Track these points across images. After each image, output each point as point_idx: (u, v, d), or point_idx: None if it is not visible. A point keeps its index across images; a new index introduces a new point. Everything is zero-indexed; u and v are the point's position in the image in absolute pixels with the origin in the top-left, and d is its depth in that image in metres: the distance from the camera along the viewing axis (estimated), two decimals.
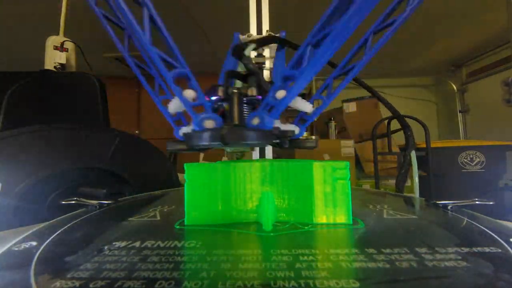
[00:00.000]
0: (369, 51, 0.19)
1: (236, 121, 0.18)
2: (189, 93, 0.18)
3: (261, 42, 0.27)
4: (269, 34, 0.28)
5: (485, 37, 1.36)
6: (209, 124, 0.18)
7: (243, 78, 0.23)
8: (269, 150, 0.63)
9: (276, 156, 0.68)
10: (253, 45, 0.25)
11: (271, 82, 0.21)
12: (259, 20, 0.62)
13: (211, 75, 0.44)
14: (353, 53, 0.21)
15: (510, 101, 1.05)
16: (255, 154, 0.59)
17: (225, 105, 0.20)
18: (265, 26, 0.61)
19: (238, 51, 0.24)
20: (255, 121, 0.18)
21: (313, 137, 0.23)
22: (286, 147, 0.22)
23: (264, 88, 0.20)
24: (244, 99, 0.20)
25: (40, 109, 0.60)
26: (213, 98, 0.19)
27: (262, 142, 0.18)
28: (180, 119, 0.22)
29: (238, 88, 0.20)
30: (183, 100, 0.18)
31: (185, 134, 0.19)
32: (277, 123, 0.19)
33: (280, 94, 0.18)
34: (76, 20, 0.78)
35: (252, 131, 0.18)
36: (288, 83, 0.19)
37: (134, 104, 1.84)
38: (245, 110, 0.20)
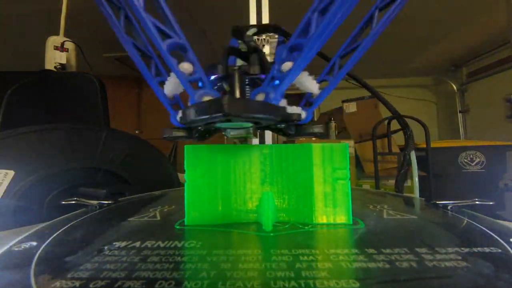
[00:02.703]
0: (375, 27, 0.18)
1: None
2: (186, 66, 0.17)
3: (263, 28, 0.24)
4: (273, 23, 0.25)
5: (485, 37, 1.36)
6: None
7: (244, 57, 0.21)
8: (268, 139, 0.62)
9: None
10: (254, 29, 0.23)
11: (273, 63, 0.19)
12: (259, 21, 0.62)
13: None
14: (359, 29, 0.20)
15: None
16: (255, 142, 0.58)
17: (225, 85, 0.18)
18: None
19: (239, 31, 0.22)
20: (260, 97, 0.17)
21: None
22: (292, 133, 0.20)
23: (267, 66, 0.19)
24: (246, 79, 0.18)
25: (40, 109, 0.60)
26: (212, 77, 0.18)
27: (269, 117, 0.15)
28: (178, 103, 0.20)
29: (239, 66, 0.18)
30: (179, 74, 0.16)
31: (182, 116, 0.17)
32: (283, 103, 0.17)
33: (287, 65, 0.17)
34: (76, 20, 0.78)
35: (257, 103, 0.16)
36: (294, 55, 0.17)
37: (134, 104, 1.84)
38: (247, 91, 0.19)
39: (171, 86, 0.18)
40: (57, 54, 0.71)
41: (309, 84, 0.19)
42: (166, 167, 0.51)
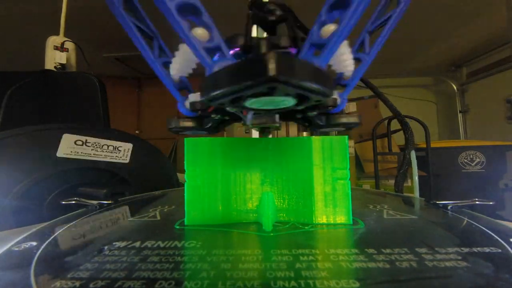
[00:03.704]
0: None
1: None
2: (200, 32, 0.13)
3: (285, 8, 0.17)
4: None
5: (485, 37, 1.36)
6: None
7: (270, 28, 0.17)
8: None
9: None
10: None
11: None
12: None
13: None
14: (386, 1, 0.17)
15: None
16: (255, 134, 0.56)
17: None
18: None
19: (258, 1, 0.17)
20: None
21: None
22: (322, 124, 0.17)
23: (298, 38, 0.15)
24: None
25: (40, 109, 0.60)
26: (231, 52, 0.14)
27: (324, 89, 0.11)
28: (187, 87, 0.17)
29: (266, 37, 0.15)
30: (192, 41, 0.13)
31: (201, 90, 0.13)
32: None
33: (329, 28, 0.13)
34: (76, 20, 0.78)
35: (312, 66, 0.11)
36: (335, 15, 0.13)
37: (134, 104, 1.84)
38: None
39: (178, 65, 0.15)
40: (57, 54, 0.71)
41: (348, 58, 0.15)
42: (166, 167, 0.51)
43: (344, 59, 0.16)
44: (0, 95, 0.56)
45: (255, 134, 0.55)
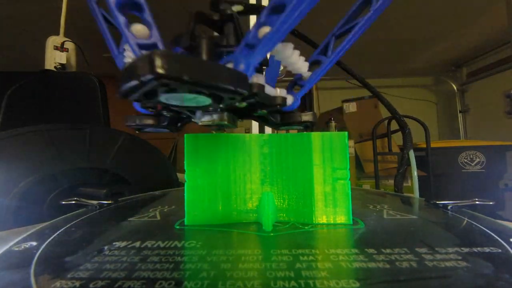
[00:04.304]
0: (376, 4, 0.16)
1: None
2: (139, 28, 0.14)
3: (251, 8, 0.18)
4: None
5: (485, 37, 1.36)
6: None
7: (217, 27, 0.17)
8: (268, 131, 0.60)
9: None
10: (240, 6, 0.17)
11: None
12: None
13: None
14: (358, 5, 0.18)
15: (511, 113, 1.05)
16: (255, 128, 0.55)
17: None
18: None
19: (216, 2, 0.17)
20: None
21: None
22: (277, 122, 0.18)
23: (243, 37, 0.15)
24: (219, 52, 0.15)
25: (40, 109, 0.60)
26: (178, 51, 0.15)
27: (225, 86, 0.11)
28: None
29: (208, 33, 0.15)
30: (127, 35, 0.13)
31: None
32: (260, 79, 0.14)
33: (263, 30, 0.13)
34: (76, 20, 0.78)
35: (208, 64, 0.11)
36: (274, 19, 0.13)
37: None
38: None
39: (131, 59, 0.15)
40: (57, 54, 0.71)
41: (296, 60, 0.16)
42: (166, 167, 0.51)
43: (292, 61, 0.16)
44: (0, 95, 0.56)
45: (255, 130, 0.55)
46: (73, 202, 0.25)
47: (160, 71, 0.09)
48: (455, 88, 1.83)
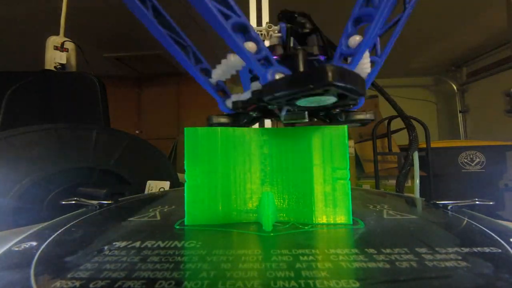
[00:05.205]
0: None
1: None
2: (251, 45, 0.16)
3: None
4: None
5: (485, 37, 1.36)
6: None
7: (301, 38, 0.20)
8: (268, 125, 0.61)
9: None
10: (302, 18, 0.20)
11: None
12: (259, 18, 0.62)
13: None
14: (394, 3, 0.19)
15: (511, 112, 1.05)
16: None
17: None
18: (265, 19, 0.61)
19: (289, 15, 0.20)
20: None
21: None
22: (341, 120, 0.19)
23: (327, 47, 0.18)
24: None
25: (40, 109, 0.60)
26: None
27: (360, 89, 0.14)
28: (224, 89, 0.19)
29: (302, 47, 0.17)
30: (246, 53, 0.16)
31: (235, 102, 0.17)
32: None
33: (355, 39, 0.16)
34: (76, 20, 0.78)
35: (352, 72, 0.13)
36: (358, 28, 0.16)
37: (134, 104, 1.84)
38: None
39: (221, 71, 0.18)
40: (57, 54, 0.71)
41: (367, 62, 0.18)
42: (166, 167, 0.51)
43: (364, 63, 0.18)
44: (0, 95, 0.56)
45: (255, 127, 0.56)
46: (73, 202, 0.25)
47: (332, 80, 0.12)
48: (455, 88, 1.82)
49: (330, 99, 0.14)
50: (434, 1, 1.02)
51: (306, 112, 0.18)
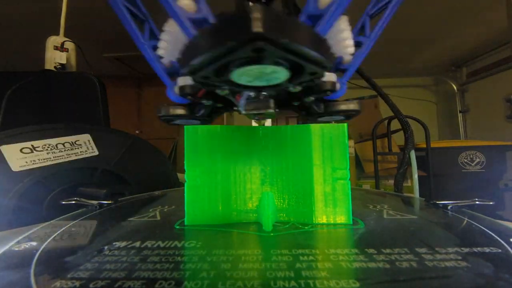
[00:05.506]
0: None
1: None
2: (186, 2, 0.13)
3: None
4: None
5: (485, 37, 1.36)
6: None
7: (265, 2, 0.16)
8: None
9: None
10: None
11: None
12: None
13: None
14: None
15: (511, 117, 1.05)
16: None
17: None
18: None
19: None
20: None
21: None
22: (320, 111, 0.16)
23: (292, 10, 0.14)
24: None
25: (40, 109, 0.60)
26: None
27: (321, 57, 0.10)
28: (178, 73, 0.15)
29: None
30: (176, 10, 0.12)
31: (182, 87, 0.13)
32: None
33: None
34: (76, 20, 0.78)
35: (307, 28, 0.10)
36: None
37: (134, 104, 1.84)
38: None
39: (166, 43, 0.14)
40: (57, 54, 0.71)
41: (348, 36, 0.14)
42: (166, 167, 0.51)
43: (343, 37, 0.14)
44: (0, 95, 0.56)
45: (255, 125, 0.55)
46: (73, 202, 0.25)
47: (261, 29, 0.07)
48: (455, 88, 1.82)
49: (277, 72, 0.10)
50: (434, 1, 1.02)
51: (272, 100, 0.14)
